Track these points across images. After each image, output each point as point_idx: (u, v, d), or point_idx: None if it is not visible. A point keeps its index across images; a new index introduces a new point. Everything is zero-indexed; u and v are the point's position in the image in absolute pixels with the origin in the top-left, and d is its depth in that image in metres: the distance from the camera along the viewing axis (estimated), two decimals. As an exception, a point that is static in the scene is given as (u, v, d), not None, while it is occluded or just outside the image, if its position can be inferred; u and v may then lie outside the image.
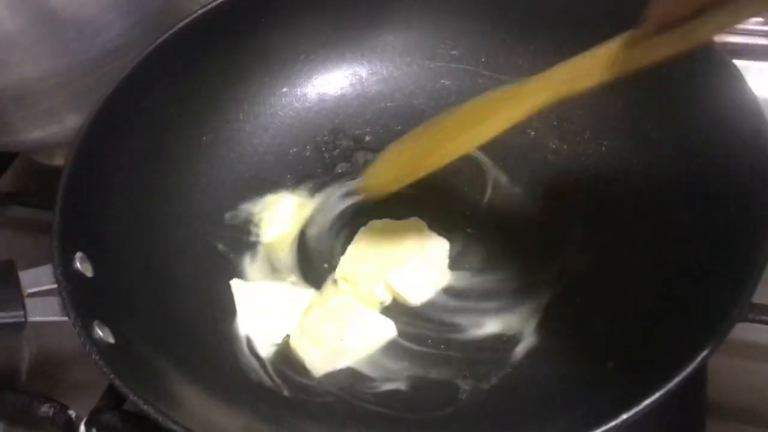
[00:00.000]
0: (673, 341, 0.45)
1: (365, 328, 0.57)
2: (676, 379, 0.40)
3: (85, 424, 0.55)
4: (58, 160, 0.79)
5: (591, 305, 0.54)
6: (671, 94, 0.59)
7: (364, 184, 0.64)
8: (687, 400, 0.53)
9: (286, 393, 0.55)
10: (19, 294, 0.48)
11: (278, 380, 0.56)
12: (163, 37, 0.63)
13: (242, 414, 0.52)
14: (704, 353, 0.41)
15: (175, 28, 0.64)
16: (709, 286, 0.47)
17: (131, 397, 0.43)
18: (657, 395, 0.40)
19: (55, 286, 0.49)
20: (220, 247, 0.64)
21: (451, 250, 0.61)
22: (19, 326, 0.47)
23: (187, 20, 0.64)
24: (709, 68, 0.55)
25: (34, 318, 0.48)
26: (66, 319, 0.47)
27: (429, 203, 0.63)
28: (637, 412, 0.39)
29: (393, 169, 0.59)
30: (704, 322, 0.43)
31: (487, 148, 0.66)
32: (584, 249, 0.58)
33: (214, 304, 0.60)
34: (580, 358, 0.51)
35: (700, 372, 0.52)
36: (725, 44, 0.72)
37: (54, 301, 0.49)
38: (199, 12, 0.65)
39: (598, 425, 0.39)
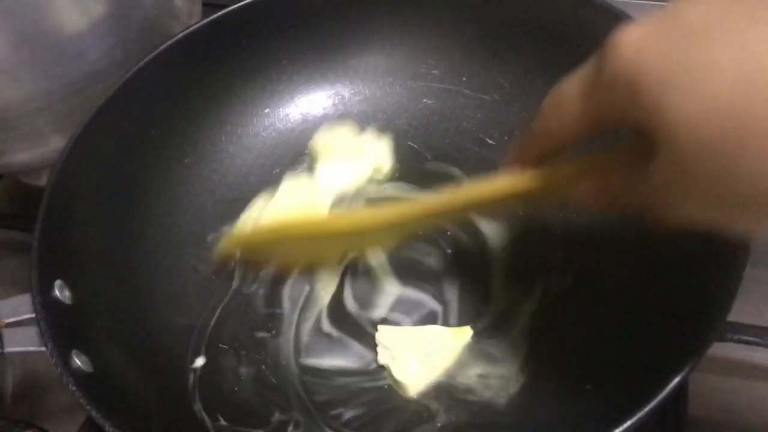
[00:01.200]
0: (651, 362, 0.45)
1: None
2: (655, 401, 0.40)
3: (67, 450, 0.55)
4: (45, 181, 0.79)
5: (569, 327, 0.54)
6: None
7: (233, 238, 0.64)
8: (668, 418, 0.53)
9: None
10: (-3, 324, 0.48)
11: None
12: (145, 60, 0.63)
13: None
14: (682, 374, 0.41)
15: (157, 51, 0.64)
16: (686, 306, 0.47)
17: (107, 428, 0.43)
18: (636, 417, 0.40)
19: (33, 315, 0.49)
20: (203, 269, 0.64)
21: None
22: (-2, 356, 0.47)
23: (169, 42, 0.64)
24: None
25: (11, 348, 0.48)
26: (44, 349, 0.47)
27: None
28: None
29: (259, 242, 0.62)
30: (682, 342, 0.43)
31: (465, 166, 0.67)
32: (564, 270, 0.58)
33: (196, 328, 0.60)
34: (559, 381, 0.52)
35: (681, 389, 0.53)
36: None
37: (32, 331, 0.49)
38: (181, 34, 0.65)
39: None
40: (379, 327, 0.58)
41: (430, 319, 0.59)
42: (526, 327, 0.56)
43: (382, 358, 0.56)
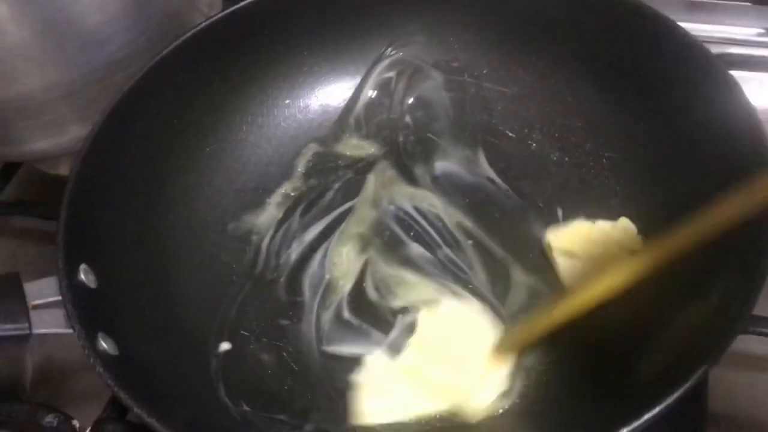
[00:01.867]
0: (674, 355, 0.45)
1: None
2: (677, 393, 0.40)
3: (89, 434, 0.55)
4: (63, 170, 0.79)
5: (592, 319, 0.54)
6: (671, 106, 0.59)
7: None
8: (688, 412, 0.53)
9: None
10: (24, 306, 0.48)
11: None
12: (168, 49, 0.63)
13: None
14: (705, 367, 0.41)
15: (179, 40, 0.64)
16: (710, 299, 0.47)
17: (135, 409, 0.44)
18: (657, 410, 0.40)
19: (60, 298, 0.49)
20: (223, 257, 0.64)
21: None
22: (24, 338, 0.48)
23: (191, 32, 0.64)
24: (708, 80, 0.55)
25: (39, 330, 0.48)
26: (70, 331, 0.48)
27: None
28: (636, 427, 0.40)
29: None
30: (705, 335, 0.43)
31: (489, 159, 0.67)
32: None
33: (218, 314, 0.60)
34: (582, 374, 0.52)
35: (701, 383, 0.53)
36: (724, 55, 0.73)
37: (59, 313, 0.49)
38: (203, 24, 0.65)
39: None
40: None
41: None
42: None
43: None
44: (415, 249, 0.63)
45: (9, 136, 0.67)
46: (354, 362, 0.57)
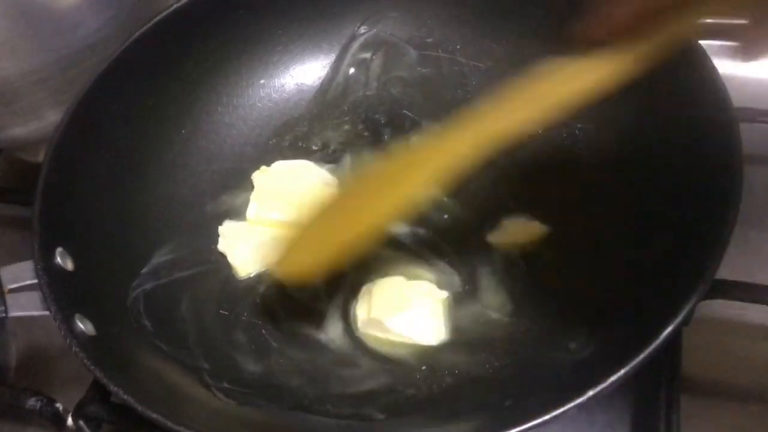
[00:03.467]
0: (640, 319, 0.46)
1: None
2: (642, 355, 0.41)
3: (72, 416, 0.56)
4: (42, 156, 0.79)
5: (558, 283, 0.55)
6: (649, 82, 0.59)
7: (278, 268, 0.55)
8: (662, 375, 0.54)
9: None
10: (0, 290, 0.48)
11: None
12: (141, 31, 0.64)
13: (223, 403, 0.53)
14: (668, 330, 0.42)
15: (152, 22, 0.64)
16: (675, 264, 0.48)
17: (112, 388, 0.44)
18: (622, 372, 0.40)
19: (36, 281, 0.49)
20: (202, 238, 0.64)
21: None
22: (1, 321, 0.48)
23: (164, 13, 0.65)
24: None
25: (15, 313, 0.49)
26: (47, 313, 0.48)
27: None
28: (602, 389, 0.40)
29: (308, 253, 0.51)
30: (673, 296, 0.44)
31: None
32: (554, 229, 0.59)
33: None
34: (549, 338, 0.52)
35: (675, 347, 0.53)
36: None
37: (35, 296, 0.49)
38: (176, 5, 0.65)
39: (565, 403, 0.40)
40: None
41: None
42: (512, 277, 0.58)
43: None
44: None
45: (-16, 123, 0.68)
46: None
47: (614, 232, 0.55)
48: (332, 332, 0.58)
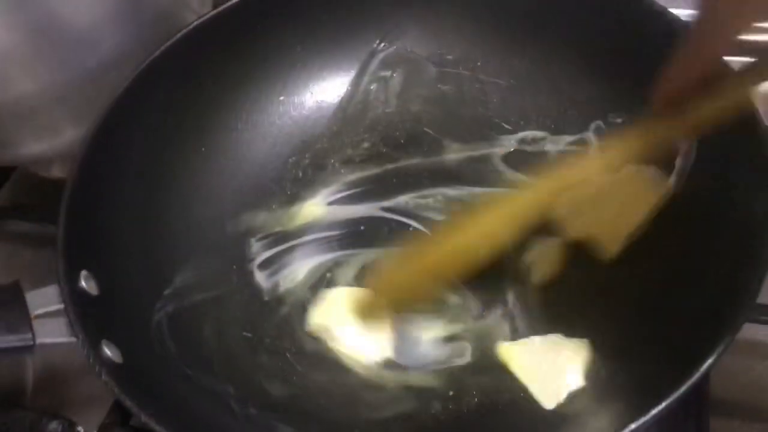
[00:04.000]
0: (680, 348, 0.45)
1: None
2: (685, 387, 0.41)
3: (95, 440, 0.55)
4: (56, 172, 0.79)
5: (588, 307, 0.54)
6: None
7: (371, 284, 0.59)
8: (690, 399, 0.53)
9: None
10: (27, 316, 0.48)
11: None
12: (159, 50, 0.63)
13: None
14: (712, 358, 0.41)
15: (171, 41, 0.63)
16: (714, 290, 0.47)
17: (143, 418, 0.44)
18: (664, 404, 0.40)
19: (62, 306, 0.49)
20: (223, 258, 0.63)
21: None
22: (28, 349, 0.47)
23: (183, 32, 0.64)
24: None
25: (42, 340, 0.48)
26: (74, 340, 0.48)
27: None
28: (645, 422, 0.40)
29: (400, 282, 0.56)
30: (710, 326, 0.43)
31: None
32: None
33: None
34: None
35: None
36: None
37: (61, 322, 0.48)
38: (196, 22, 0.64)
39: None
40: None
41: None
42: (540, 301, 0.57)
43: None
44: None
45: (2, 141, 0.67)
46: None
47: (651, 257, 0.54)
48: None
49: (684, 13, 0.58)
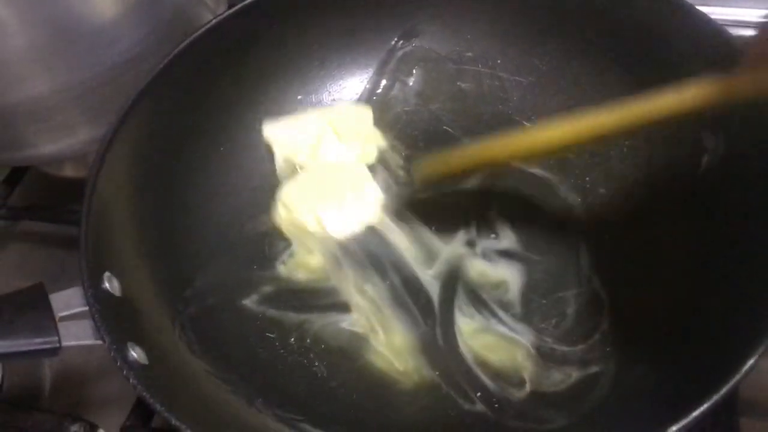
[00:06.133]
0: (719, 349, 0.45)
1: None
2: (727, 386, 0.40)
3: (117, 442, 0.55)
4: (68, 171, 0.78)
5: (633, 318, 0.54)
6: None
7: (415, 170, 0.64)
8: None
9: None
10: (52, 319, 0.47)
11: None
12: (179, 48, 0.62)
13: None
14: (752, 360, 0.41)
15: (190, 39, 0.63)
16: (752, 291, 0.47)
17: (173, 421, 0.43)
18: (707, 405, 0.39)
19: (86, 308, 0.48)
20: (243, 257, 0.63)
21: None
22: (54, 351, 0.47)
23: (202, 30, 0.63)
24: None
25: (68, 342, 0.47)
26: (100, 342, 0.47)
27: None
28: (686, 424, 0.39)
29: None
30: (749, 327, 0.43)
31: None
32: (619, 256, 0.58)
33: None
34: (625, 372, 0.51)
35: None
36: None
37: (86, 324, 0.48)
38: (212, 22, 0.64)
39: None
40: None
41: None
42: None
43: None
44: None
45: (19, 140, 0.67)
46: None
47: (686, 260, 0.54)
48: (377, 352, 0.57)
49: (712, 11, 0.58)
